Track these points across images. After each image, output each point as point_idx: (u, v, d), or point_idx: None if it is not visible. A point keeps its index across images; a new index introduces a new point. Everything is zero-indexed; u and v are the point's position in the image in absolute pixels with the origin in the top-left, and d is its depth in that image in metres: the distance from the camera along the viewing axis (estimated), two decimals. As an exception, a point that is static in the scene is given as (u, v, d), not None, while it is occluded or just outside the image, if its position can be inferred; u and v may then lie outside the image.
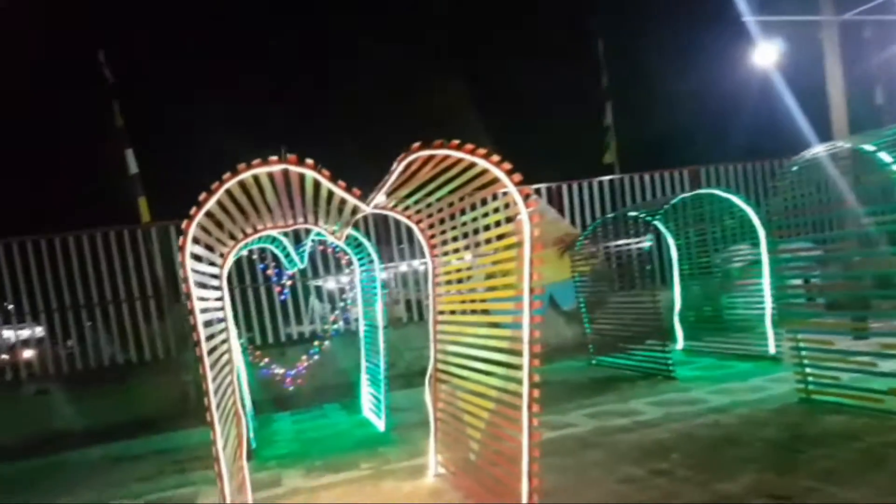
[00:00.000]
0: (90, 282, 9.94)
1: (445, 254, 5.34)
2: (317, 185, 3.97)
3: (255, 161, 3.46)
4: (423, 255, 5.53)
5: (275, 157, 3.47)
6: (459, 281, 5.44)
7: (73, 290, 9.88)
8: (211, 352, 4.38)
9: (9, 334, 11.81)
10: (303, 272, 11.14)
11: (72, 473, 7.10)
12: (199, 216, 3.38)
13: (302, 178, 3.85)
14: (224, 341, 4.86)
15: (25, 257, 9.58)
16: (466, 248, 5.01)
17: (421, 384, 5.43)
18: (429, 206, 4.97)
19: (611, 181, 13.10)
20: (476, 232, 4.68)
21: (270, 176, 3.86)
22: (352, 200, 3.84)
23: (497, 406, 4.39)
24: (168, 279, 10.31)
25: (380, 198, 4.78)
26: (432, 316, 5.50)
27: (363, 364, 8.45)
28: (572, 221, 12.49)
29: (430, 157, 3.90)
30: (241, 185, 3.93)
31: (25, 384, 9.37)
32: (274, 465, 6.41)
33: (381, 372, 7.50)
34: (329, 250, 11.09)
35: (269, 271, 11.08)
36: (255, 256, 10.91)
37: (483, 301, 5.13)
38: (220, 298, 4.95)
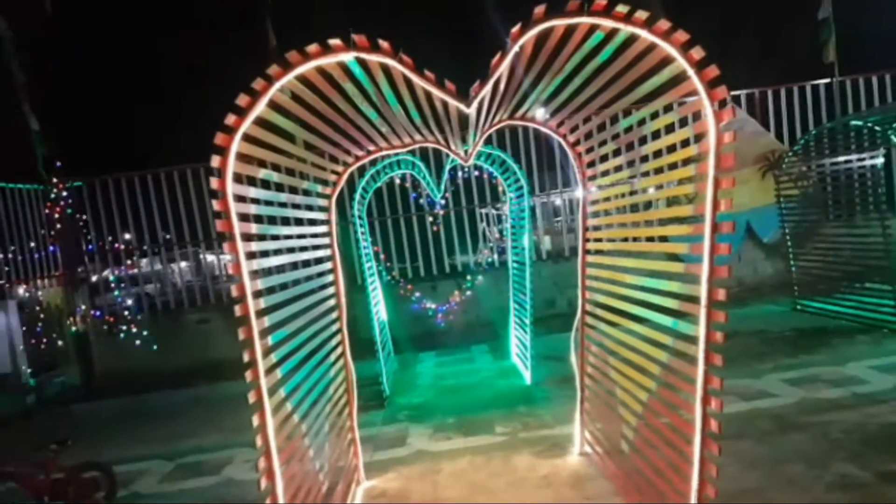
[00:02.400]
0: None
1: (595, 176, 4.06)
2: (410, 84, 2.92)
3: (312, 48, 2.49)
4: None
5: (339, 42, 2.47)
6: (618, 211, 4.16)
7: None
8: (310, 293, 3.71)
9: (212, 258, 12.57)
10: (456, 200, 10.35)
11: (210, 409, 7.08)
12: (245, 126, 2.52)
13: (388, 75, 2.83)
14: (330, 284, 4.16)
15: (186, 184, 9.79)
16: (630, 164, 3.68)
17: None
18: (577, 111, 3.68)
19: (827, 85, 10.50)
20: (645, 141, 3.35)
21: (351, 77, 2.89)
22: (445, 98, 2.74)
23: (664, 376, 3.19)
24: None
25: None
26: (580, 256, 4.31)
27: (511, 304, 7.52)
28: (778, 135, 10.23)
29: (567, 32, 2.65)
30: (321, 93, 3.03)
31: (188, 313, 9.78)
32: (404, 418, 5.80)
33: (527, 315, 6.50)
34: (486, 174, 10.13)
35: (422, 200, 10.45)
36: (407, 184, 10.31)
37: (637, 239, 3.85)
38: (328, 234, 4.25)
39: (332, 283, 4.21)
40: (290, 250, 3.60)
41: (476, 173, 10.24)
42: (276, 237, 3.29)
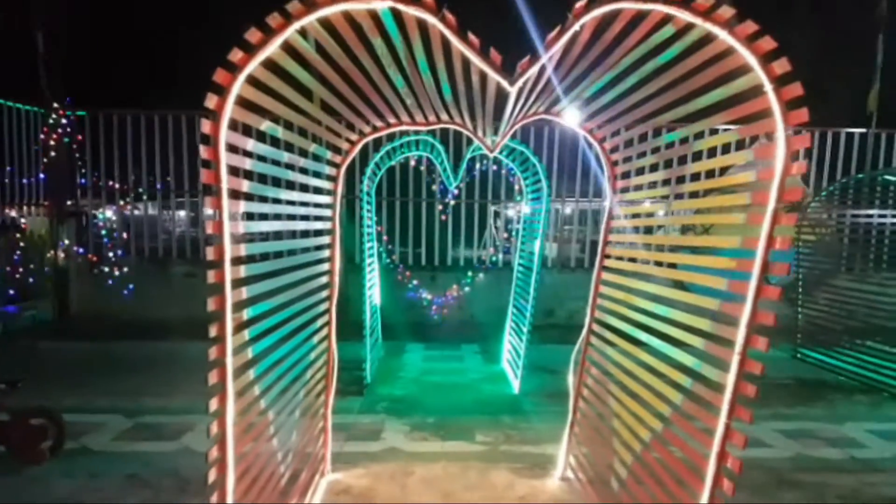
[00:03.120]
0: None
1: (627, 188, 3.75)
2: (448, 51, 2.59)
3: (346, -13, 2.16)
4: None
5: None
6: (648, 231, 3.85)
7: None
8: (301, 268, 3.41)
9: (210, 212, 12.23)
10: (469, 193, 10.05)
11: (182, 368, 6.51)
12: (252, 66, 2.19)
13: (425, 36, 2.50)
14: (325, 260, 3.85)
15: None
16: (666, 182, 3.36)
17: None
18: (621, 114, 3.35)
19: (863, 135, 10.19)
20: (686, 160, 3.03)
21: (382, 32, 2.57)
22: (488, 70, 2.40)
23: (673, 414, 2.90)
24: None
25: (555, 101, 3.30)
26: (596, 270, 3.99)
27: (510, 308, 7.21)
28: (804, 178, 9.92)
29: (636, 19, 2.33)
30: (349, 52, 2.71)
31: (176, 264, 9.47)
32: (382, 410, 5.51)
33: (525, 322, 6.20)
34: (504, 171, 9.80)
35: (435, 186, 10.11)
36: (422, 167, 9.97)
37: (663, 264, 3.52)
38: (332, 206, 3.93)
39: (328, 260, 3.90)
40: (287, 217, 3.28)
41: (494, 168, 9.93)
42: (271, 200, 2.98)
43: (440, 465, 4.31)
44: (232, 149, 2.31)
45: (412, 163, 9.82)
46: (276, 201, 3.09)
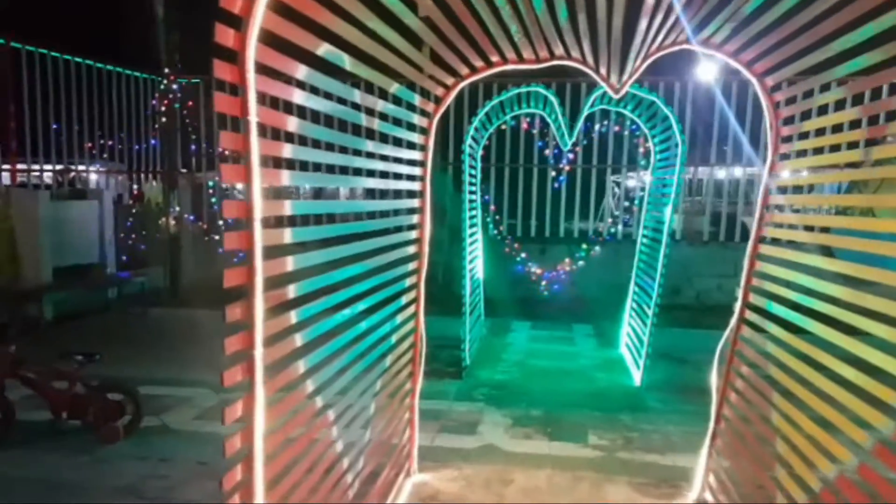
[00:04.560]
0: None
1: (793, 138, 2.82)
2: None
3: None
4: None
5: None
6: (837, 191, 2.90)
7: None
8: (375, 235, 2.86)
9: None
10: (586, 157, 9.13)
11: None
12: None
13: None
14: (414, 226, 3.29)
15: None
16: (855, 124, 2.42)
17: (711, 326, 3.18)
18: (792, 37, 2.44)
19: None
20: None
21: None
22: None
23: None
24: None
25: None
26: (751, 243, 3.10)
27: (632, 286, 6.31)
28: None
29: None
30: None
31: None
32: (481, 398, 4.91)
33: (651, 303, 5.32)
34: (626, 133, 8.77)
35: (547, 151, 9.28)
36: (534, 130, 9.15)
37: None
38: (423, 164, 3.34)
39: (417, 227, 3.32)
40: (356, 171, 2.71)
41: (616, 129, 8.92)
42: (330, 148, 2.41)
43: (545, 472, 3.63)
44: (266, 71, 1.73)
45: (524, 125, 9.05)
46: (337, 150, 2.50)
